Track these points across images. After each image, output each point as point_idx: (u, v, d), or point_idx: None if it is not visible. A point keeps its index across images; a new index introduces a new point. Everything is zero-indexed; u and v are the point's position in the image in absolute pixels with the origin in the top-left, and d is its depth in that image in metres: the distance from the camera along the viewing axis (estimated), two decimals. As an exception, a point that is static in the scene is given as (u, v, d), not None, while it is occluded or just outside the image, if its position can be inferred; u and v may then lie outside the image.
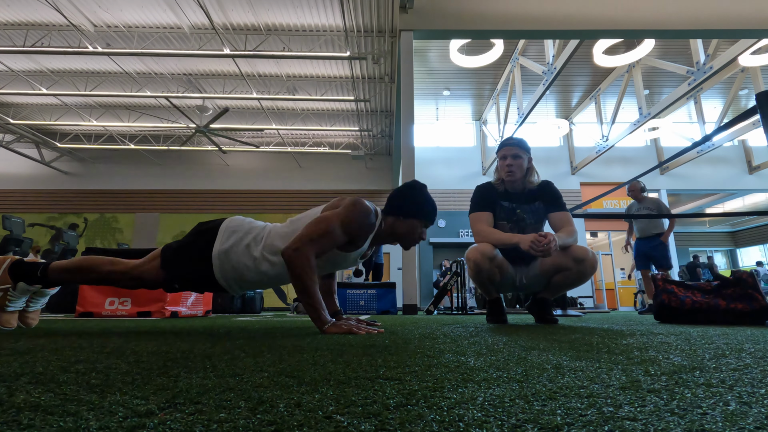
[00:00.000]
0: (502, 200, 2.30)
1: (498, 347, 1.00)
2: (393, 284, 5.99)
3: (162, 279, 1.58)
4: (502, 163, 2.28)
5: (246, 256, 1.55)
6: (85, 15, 7.42)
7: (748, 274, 2.27)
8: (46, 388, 0.51)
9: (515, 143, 2.29)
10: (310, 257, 1.45)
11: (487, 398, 0.46)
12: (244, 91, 9.89)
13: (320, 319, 1.47)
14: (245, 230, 1.59)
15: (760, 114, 1.77)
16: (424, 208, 1.66)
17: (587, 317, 3.58)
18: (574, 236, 2.16)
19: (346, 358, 0.80)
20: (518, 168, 2.25)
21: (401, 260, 5.58)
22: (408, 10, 6.10)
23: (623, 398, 0.46)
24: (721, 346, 1.01)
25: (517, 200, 2.31)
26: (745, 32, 6.41)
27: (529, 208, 2.30)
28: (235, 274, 1.56)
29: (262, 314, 5.30)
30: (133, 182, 12.88)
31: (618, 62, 8.22)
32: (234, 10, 7.35)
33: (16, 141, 11.71)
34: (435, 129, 13.15)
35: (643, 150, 12.99)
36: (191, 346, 1.03)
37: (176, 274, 1.58)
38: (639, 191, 4.95)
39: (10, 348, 0.97)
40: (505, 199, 2.31)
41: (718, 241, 16.47)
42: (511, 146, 2.28)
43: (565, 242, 2.08)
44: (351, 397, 0.47)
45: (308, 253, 1.45)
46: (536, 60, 9.03)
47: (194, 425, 0.36)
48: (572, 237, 2.14)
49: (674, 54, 9.24)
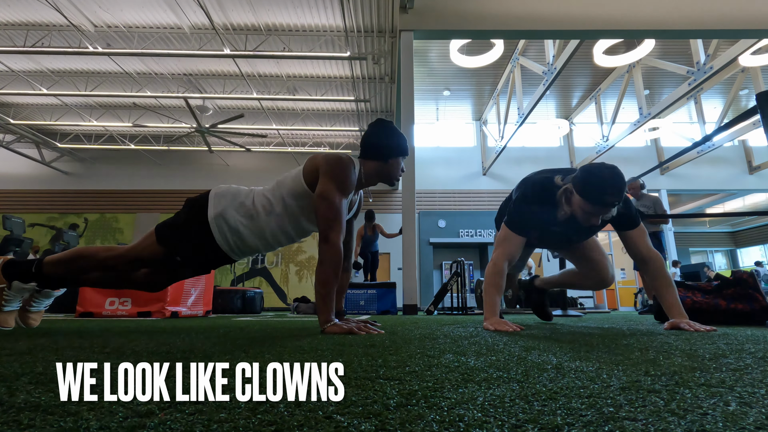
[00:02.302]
0: (553, 225, 1.86)
1: (498, 347, 1.00)
2: (393, 284, 5.99)
3: (162, 254, 1.58)
4: (589, 214, 1.69)
5: (241, 213, 1.60)
6: (86, 15, 7.42)
7: (749, 274, 2.27)
8: (46, 388, 0.51)
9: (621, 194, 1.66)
10: (341, 249, 1.54)
11: (488, 398, 0.46)
12: (244, 91, 9.89)
13: (327, 315, 1.49)
14: (233, 193, 1.64)
15: (760, 114, 1.77)
16: (402, 145, 1.72)
17: (587, 317, 3.58)
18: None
19: (346, 358, 0.80)
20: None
21: (401, 260, 5.58)
22: (408, 10, 6.10)
23: (623, 398, 0.46)
24: (721, 347, 1.01)
25: (574, 228, 1.87)
26: (745, 32, 6.41)
27: (583, 233, 2.01)
28: (235, 235, 1.60)
29: (262, 314, 5.30)
30: (134, 182, 12.89)
31: (618, 62, 8.21)
32: (234, 10, 7.35)
33: (16, 141, 11.71)
34: (435, 129, 13.15)
35: (643, 150, 12.99)
36: (191, 346, 1.03)
37: (175, 246, 1.59)
38: (638, 189, 5.01)
39: (11, 348, 0.97)
40: (559, 225, 1.85)
41: (719, 242, 16.46)
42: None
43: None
44: (351, 397, 0.47)
45: (340, 243, 1.53)
46: (536, 60, 9.03)
47: (194, 425, 0.36)
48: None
49: (674, 54, 9.24)
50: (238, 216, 1.59)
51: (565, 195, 1.75)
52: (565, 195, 1.75)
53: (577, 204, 1.68)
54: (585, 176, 1.65)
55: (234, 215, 1.59)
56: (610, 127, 10.69)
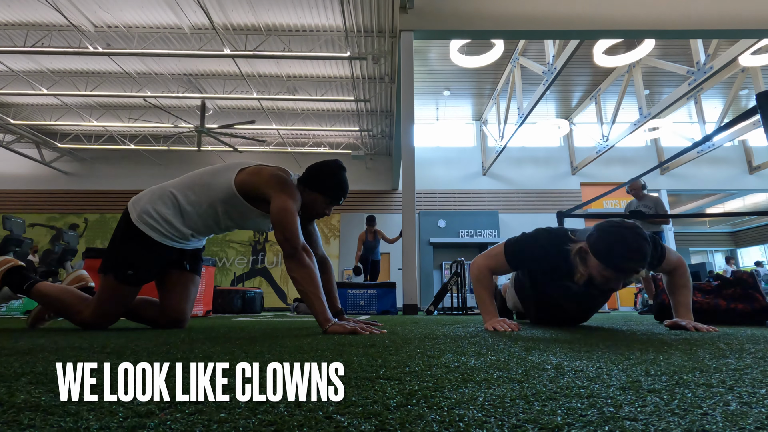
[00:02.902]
0: (569, 281, 1.70)
1: (498, 347, 1.00)
2: (393, 284, 5.99)
3: (113, 280, 1.66)
4: (608, 279, 1.56)
5: (162, 204, 1.69)
6: (86, 15, 7.42)
7: (749, 274, 2.27)
8: (46, 388, 0.51)
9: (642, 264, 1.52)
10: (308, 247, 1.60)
11: (488, 398, 0.46)
12: (244, 91, 9.89)
13: (325, 315, 1.48)
14: (149, 193, 1.74)
15: (760, 114, 1.77)
16: (330, 186, 1.73)
17: (587, 317, 3.58)
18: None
19: (347, 358, 0.80)
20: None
21: (401, 260, 5.58)
22: (408, 10, 6.10)
23: (623, 398, 0.46)
24: (721, 347, 1.01)
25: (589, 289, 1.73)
26: (745, 32, 6.41)
27: (600, 295, 1.91)
28: (166, 223, 1.68)
29: (262, 314, 5.30)
30: (134, 182, 12.88)
31: (618, 62, 8.21)
32: (234, 10, 7.35)
33: (16, 141, 11.71)
34: (435, 129, 13.15)
35: (643, 150, 12.99)
36: (191, 346, 1.03)
37: (120, 262, 1.67)
38: (640, 189, 5.00)
39: (11, 348, 0.97)
40: (573, 284, 1.71)
41: (719, 242, 16.46)
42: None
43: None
44: (351, 397, 0.47)
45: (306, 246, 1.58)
46: (536, 60, 9.03)
47: (194, 425, 0.36)
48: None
49: (674, 54, 9.24)
50: (161, 208, 1.69)
51: (580, 255, 1.58)
52: (579, 255, 1.59)
53: (595, 267, 1.54)
54: (603, 238, 1.50)
55: (156, 208, 1.68)
56: (610, 127, 10.69)
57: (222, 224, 1.77)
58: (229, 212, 1.71)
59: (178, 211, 1.70)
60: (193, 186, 1.71)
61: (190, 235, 1.76)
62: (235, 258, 12.41)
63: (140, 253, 1.68)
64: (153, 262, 1.73)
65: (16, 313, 4.52)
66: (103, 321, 1.70)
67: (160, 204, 1.68)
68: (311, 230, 1.91)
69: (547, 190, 12.48)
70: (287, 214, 1.54)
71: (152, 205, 1.68)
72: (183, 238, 1.75)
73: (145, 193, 1.75)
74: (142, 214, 1.67)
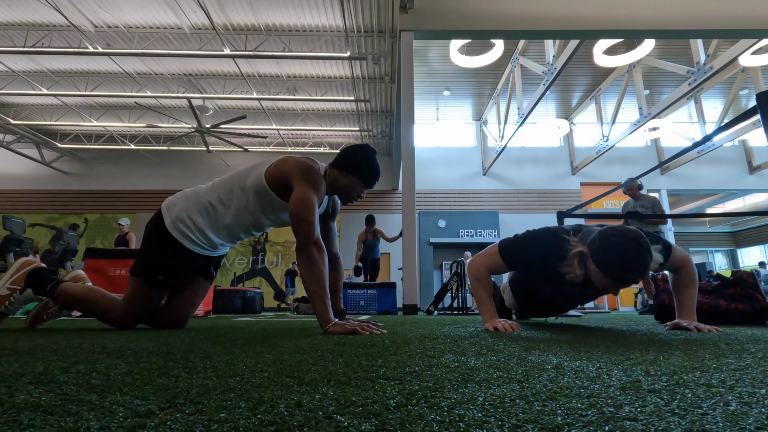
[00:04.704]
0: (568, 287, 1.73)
1: (498, 347, 1.00)
2: (393, 284, 5.98)
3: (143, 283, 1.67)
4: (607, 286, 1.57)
5: (196, 211, 1.69)
6: (86, 15, 7.42)
7: (749, 274, 2.27)
8: (46, 388, 0.51)
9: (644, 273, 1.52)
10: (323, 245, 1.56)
11: (488, 398, 0.46)
12: (244, 91, 9.89)
13: (326, 316, 1.47)
14: (184, 197, 1.74)
15: (760, 114, 1.77)
16: (367, 169, 1.72)
17: (587, 317, 3.58)
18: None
19: (347, 358, 0.80)
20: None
21: (401, 260, 5.58)
22: (408, 10, 6.10)
23: (624, 398, 0.46)
24: (721, 347, 1.01)
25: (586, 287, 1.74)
26: (745, 32, 6.41)
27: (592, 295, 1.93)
28: (198, 232, 1.69)
29: (262, 314, 5.30)
30: (134, 182, 12.89)
31: (618, 62, 8.22)
32: (234, 10, 7.35)
33: (16, 141, 11.71)
34: (435, 129, 13.15)
35: (643, 150, 12.99)
36: (191, 346, 1.03)
37: (152, 267, 1.68)
38: (636, 189, 5.00)
39: (11, 348, 0.97)
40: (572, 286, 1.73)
41: (719, 242, 16.46)
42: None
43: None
44: (351, 397, 0.47)
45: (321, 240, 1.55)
46: (536, 60, 9.03)
47: (194, 425, 0.36)
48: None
49: (674, 54, 9.25)
50: (196, 217, 1.69)
51: (579, 257, 1.59)
52: (579, 258, 1.59)
53: (595, 273, 1.54)
54: (605, 249, 1.49)
55: (192, 217, 1.69)
56: (610, 127, 10.69)
57: (259, 224, 1.76)
58: (265, 209, 1.71)
59: (212, 221, 1.71)
60: (228, 191, 1.71)
61: (219, 244, 1.79)
62: (235, 258, 12.42)
63: (171, 259, 1.70)
64: (182, 268, 1.75)
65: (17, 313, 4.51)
66: (133, 320, 1.72)
67: (195, 213, 1.70)
68: (330, 226, 1.89)
69: (547, 190, 12.48)
70: (306, 206, 1.52)
71: (187, 213, 1.69)
72: (212, 247, 1.78)
73: (179, 197, 1.75)
74: (176, 221, 1.68)
